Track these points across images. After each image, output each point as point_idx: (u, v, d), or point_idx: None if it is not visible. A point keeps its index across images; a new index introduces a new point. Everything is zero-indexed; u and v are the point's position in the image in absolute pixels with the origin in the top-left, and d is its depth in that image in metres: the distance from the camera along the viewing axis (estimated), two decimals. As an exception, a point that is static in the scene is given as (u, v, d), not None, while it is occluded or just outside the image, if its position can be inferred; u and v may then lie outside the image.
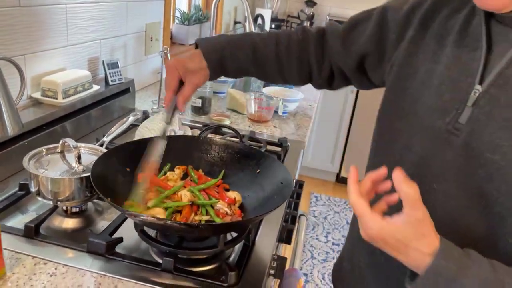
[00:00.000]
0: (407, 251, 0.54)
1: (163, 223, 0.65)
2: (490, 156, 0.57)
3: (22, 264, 0.70)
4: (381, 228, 0.54)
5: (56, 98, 1.09)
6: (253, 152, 0.93)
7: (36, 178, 0.81)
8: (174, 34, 2.12)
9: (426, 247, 0.53)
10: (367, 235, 0.56)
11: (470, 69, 0.61)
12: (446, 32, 0.67)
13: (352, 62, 0.85)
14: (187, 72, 0.83)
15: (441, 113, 0.63)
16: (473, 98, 0.60)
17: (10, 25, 0.98)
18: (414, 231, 0.53)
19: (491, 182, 0.57)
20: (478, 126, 0.59)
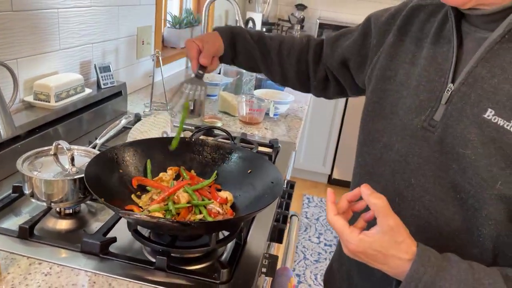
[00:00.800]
0: (387, 260, 0.56)
1: (156, 221, 0.67)
2: (462, 151, 0.59)
3: (17, 264, 0.71)
4: (359, 240, 0.56)
5: (49, 102, 1.10)
6: (244, 153, 0.95)
7: (30, 180, 0.82)
8: (166, 38, 2.13)
9: (404, 253, 0.55)
10: (348, 250, 0.59)
11: (444, 69, 0.65)
12: (424, 35, 0.71)
13: (335, 63, 0.93)
14: (204, 43, 0.93)
15: (418, 111, 0.66)
16: (446, 96, 0.63)
17: (2, 29, 0.99)
18: (389, 239, 0.55)
19: (464, 176, 0.60)
20: (451, 122, 0.61)
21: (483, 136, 0.58)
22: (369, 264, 0.59)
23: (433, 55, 0.67)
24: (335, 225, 0.59)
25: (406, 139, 0.68)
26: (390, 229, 0.55)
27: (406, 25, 0.74)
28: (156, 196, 0.84)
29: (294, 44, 1.01)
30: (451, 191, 0.62)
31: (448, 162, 0.62)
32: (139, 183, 0.87)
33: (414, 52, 0.71)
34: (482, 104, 0.58)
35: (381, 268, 0.58)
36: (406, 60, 0.71)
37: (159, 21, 1.85)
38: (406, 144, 0.68)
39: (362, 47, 0.85)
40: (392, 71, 0.73)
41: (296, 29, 3.40)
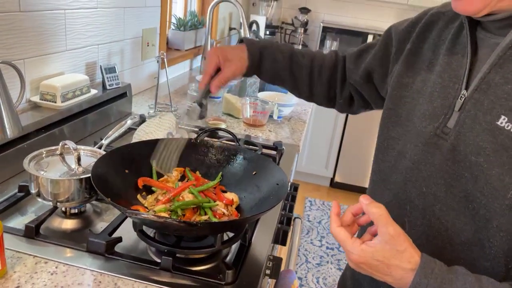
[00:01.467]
0: (390, 270, 0.55)
1: (163, 221, 0.67)
2: (475, 159, 0.58)
3: (23, 263, 0.71)
4: (361, 251, 0.56)
5: (55, 102, 1.10)
6: (249, 154, 0.95)
7: (36, 180, 0.82)
8: (170, 40, 2.14)
9: (407, 263, 0.54)
10: (351, 261, 0.58)
11: (458, 75, 0.64)
12: (441, 42, 0.70)
13: (359, 79, 0.91)
14: (226, 60, 0.88)
15: (431, 118, 0.66)
16: (460, 103, 0.62)
17: (10, 29, 1.00)
18: (390, 248, 0.54)
19: (476, 185, 0.58)
20: (464, 129, 0.61)
21: (495, 143, 0.57)
22: (374, 276, 0.57)
23: (448, 62, 0.66)
24: (337, 236, 0.59)
25: (419, 147, 0.67)
26: (390, 237, 0.54)
27: (425, 32, 0.74)
28: (162, 196, 0.84)
29: (324, 63, 0.98)
30: (463, 201, 0.61)
31: (461, 171, 0.60)
32: (145, 183, 0.87)
33: (431, 59, 0.70)
34: (495, 111, 0.58)
35: (385, 280, 0.57)
36: (423, 67, 0.71)
37: (164, 23, 1.86)
38: (419, 152, 0.67)
39: (384, 59, 0.84)
40: (410, 78, 0.73)
41: (300, 32, 3.41)
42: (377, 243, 0.55)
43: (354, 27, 3.25)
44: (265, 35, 3.21)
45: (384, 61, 0.84)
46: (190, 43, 2.23)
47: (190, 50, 2.24)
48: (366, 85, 0.91)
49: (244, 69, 0.92)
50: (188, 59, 2.29)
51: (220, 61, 0.88)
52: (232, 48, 0.93)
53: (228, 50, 0.91)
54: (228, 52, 0.90)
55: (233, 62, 0.89)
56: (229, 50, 0.91)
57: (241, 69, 0.91)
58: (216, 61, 0.88)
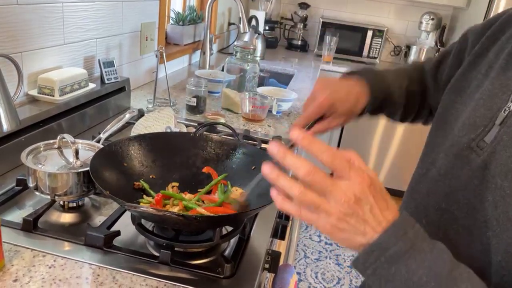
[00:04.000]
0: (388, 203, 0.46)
1: (162, 214, 0.67)
2: (500, 182, 0.51)
3: (21, 257, 0.71)
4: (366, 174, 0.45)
5: (53, 96, 1.10)
6: (249, 149, 0.95)
7: (34, 173, 0.82)
8: (169, 34, 2.13)
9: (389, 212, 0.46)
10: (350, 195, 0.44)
11: (509, 85, 0.57)
12: (507, 45, 0.62)
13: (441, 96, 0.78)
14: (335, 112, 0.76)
15: (470, 129, 0.59)
16: (502, 116, 0.55)
17: (7, 22, 0.99)
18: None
19: (495, 211, 0.51)
20: (499, 147, 0.53)
21: None
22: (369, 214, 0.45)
23: (505, 68, 0.59)
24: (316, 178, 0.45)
25: (449, 157, 0.61)
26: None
27: (497, 33, 0.65)
28: None
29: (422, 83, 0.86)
30: (482, 227, 0.53)
31: (486, 193, 0.53)
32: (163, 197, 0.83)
33: (491, 63, 0.62)
34: None
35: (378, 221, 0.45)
36: (482, 71, 0.63)
37: (162, 18, 1.85)
38: (447, 163, 0.61)
39: (459, 66, 0.72)
40: (467, 82, 0.66)
41: (299, 27, 3.40)
42: None
43: (353, 23, 3.24)
44: (265, 30, 3.20)
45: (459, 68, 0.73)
46: (189, 37, 2.22)
47: (189, 45, 2.23)
48: None
49: (352, 118, 0.81)
50: (187, 54, 2.28)
51: (327, 113, 0.76)
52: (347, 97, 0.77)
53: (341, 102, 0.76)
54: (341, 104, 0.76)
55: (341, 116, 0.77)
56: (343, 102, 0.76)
57: (349, 120, 0.80)
58: (322, 113, 0.75)
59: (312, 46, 3.42)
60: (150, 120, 1.14)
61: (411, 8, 3.32)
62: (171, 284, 0.70)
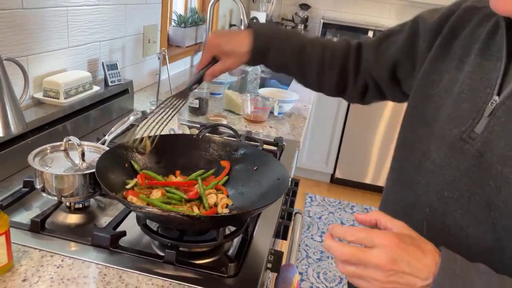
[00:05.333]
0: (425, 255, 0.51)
1: (167, 214, 0.68)
2: (501, 168, 0.56)
3: (30, 257, 0.73)
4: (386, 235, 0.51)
5: (58, 99, 1.12)
6: (251, 150, 0.97)
7: (41, 175, 0.83)
8: (171, 36, 2.15)
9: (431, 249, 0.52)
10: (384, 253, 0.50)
11: (490, 79, 0.61)
12: (474, 40, 0.66)
13: (384, 72, 0.86)
14: (223, 54, 0.87)
15: (458, 121, 0.63)
16: (490, 108, 0.59)
17: (13, 26, 1.01)
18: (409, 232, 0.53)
19: (499, 195, 0.56)
20: (492, 137, 0.58)
21: None
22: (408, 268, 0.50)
23: (481, 63, 0.63)
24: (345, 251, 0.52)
25: (443, 149, 0.65)
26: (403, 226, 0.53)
27: (457, 28, 0.69)
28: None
29: (336, 53, 0.92)
30: (485, 209, 0.58)
31: (485, 179, 0.58)
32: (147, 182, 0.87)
33: (461, 57, 0.67)
34: None
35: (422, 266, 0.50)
36: (453, 65, 0.67)
37: (165, 20, 1.86)
38: (443, 155, 0.65)
39: (411, 51, 0.78)
40: (437, 75, 0.70)
41: (300, 28, 3.41)
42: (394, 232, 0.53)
43: (354, 23, 3.25)
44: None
45: (411, 54, 0.79)
46: (191, 39, 2.23)
47: (191, 46, 2.25)
48: (389, 78, 0.86)
49: (242, 62, 0.90)
50: (189, 56, 2.30)
51: (216, 54, 0.88)
52: (233, 40, 0.89)
53: (225, 42, 0.88)
54: (225, 44, 0.88)
55: (229, 56, 0.88)
56: (227, 43, 0.88)
57: (238, 63, 0.90)
58: (213, 53, 0.88)
59: (313, 47, 3.44)
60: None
61: (411, 9, 3.34)
62: (176, 283, 0.71)
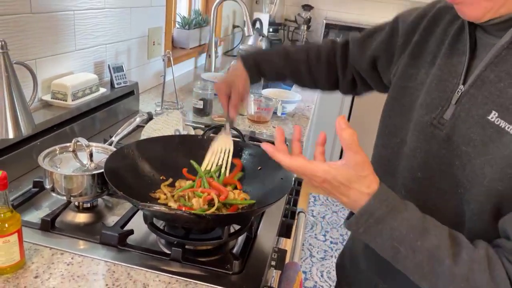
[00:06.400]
0: (349, 192, 0.59)
1: (174, 213, 0.70)
2: (465, 149, 0.63)
3: (41, 255, 0.75)
4: (324, 171, 0.59)
5: (66, 101, 1.14)
6: (255, 150, 0.99)
7: (51, 175, 0.86)
8: (175, 38, 2.17)
9: (366, 187, 0.58)
10: (314, 182, 0.61)
11: (457, 71, 0.68)
12: (445, 37, 0.73)
13: (366, 65, 0.94)
14: (230, 85, 0.97)
15: (429, 109, 0.70)
16: (456, 97, 0.66)
17: (22, 31, 1.03)
18: (355, 173, 0.58)
19: (464, 172, 0.63)
20: (459, 121, 0.65)
21: (484, 136, 0.61)
22: (332, 195, 0.61)
23: (449, 57, 0.70)
24: (295, 166, 0.61)
25: (415, 135, 0.72)
26: (356, 164, 0.58)
27: (432, 26, 0.77)
28: None
29: (320, 50, 1.03)
30: (453, 185, 0.66)
31: (453, 159, 0.65)
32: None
33: (435, 52, 0.73)
34: (487, 107, 0.62)
35: (340, 199, 0.61)
36: (428, 60, 0.74)
37: (169, 22, 1.89)
38: (415, 139, 0.71)
39: (389, 46, 0.86)
40: (414, 69, 0.76)
41: (303, 29, 3.43)
42: (340, 166, 0.59)
43: (356, 24, 3.26)
44: (269, 33, 3.23)
45: (389, 49, 0.86)
46: (195, 41, 2.26)
47: (195, 48, 2.27)
48: (371, 71, 0.94)
49: (247, 85, 1.00)
50: (193, 57, 2.32)
51: (226, 90, 0.97)
52: (230, 73, 1.03)
53: (227, 77, 1.00)
54: (228, 77, 1.00)
55: (235, 84, 0.97)
56: (228, 76, 1.00)
57: (245, 84, 0.99)
58: (224, 93, 0.97)
59: (316, 47, 3.45)
60: (159, 123, 1.18)
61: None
62: (183, 279, 0.73)
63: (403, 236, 0.57)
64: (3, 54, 0.80)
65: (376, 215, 0.58)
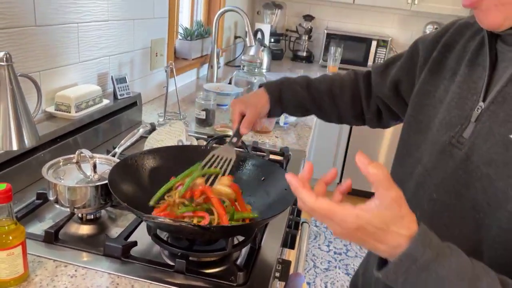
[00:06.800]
0: (387, 237, 0.50)
1: (178, 224, 0.70)
2: (485, 170, 0.59)
3: (44, 267, 0.75)
4: (357, 217, 0.50)
5: (69, 112, 1.15)
6: (258, 161, 0.98)
7: (54, 187, 0.86)
8: (178, 49, 2.18)
9: (406, 229, 0.50)
10: (344, 229, 0.52)
11: (477, 87, 0.65)
12: (465, 53, 0.70)
13: (388, 91, 0.92)
14: (248, 106, 0.97)
15: (448, 127, 0.67)
16: (476, 114, 0.63)
17: (27, 43, 1.04)
18: (391, 213, 0.50)
19: (484, 195, 0.59)
20: (478, 141, 0.61)
21: (506, 156, 0.57)
22: (365, 244, 0.52)
23: (469, 73, 0.67)
24: (321, 209, 0.52)
25: (433, 154, 0.68)
26: (392, 201, 0.50)
27: (452, 42, 0.74)
28: None
29: (343, 82, 1.01)
30: (471, 210, 0.61)
31: (471, 180, 0.61)
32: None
33: (454, 69, 0.71)
34: (510, 124, 0.58)
35: (377, 248, 0.52)
36: (447, 77, 0.72)
37: (171, 34, 1.90)
38: (433, 159, 0.68)
39: (410, 69, 0.84)
40: (432, 86, 0.74)
41: (304, 39, 3.45)
42: (374, 208, 0.50)
43: (357, 33, 3.28)
44: (270, 43, 3.25)
45: (410, 71, 0.84)
46: (197, 52, 2.27)
47: (197, 59, 2.29)
48: (394, 97, 0.91)
49: (266, 108, 1.00)
50: (195, 68, 2.33)
51: (242, 108, 0.96)
52: (251, 95, 1.01)
53: (248, 98, 0.99)
54: (248, 99, 0.99)
55: (254, 106, 0.97)
56: (249, 98, 0.99)
57: (263, 109, 0.99)
58: (239, 110, 0.96)
59: (317, 57, 3.47)
60: (162, 134, 1.19)
61: (414, 18, 3.36)
62: (187, 292, 0.73)
63: (452, 286, 0.49)
64: (7, 66, 0.80)
65: (420, 262, 0.49)
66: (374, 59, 3.23)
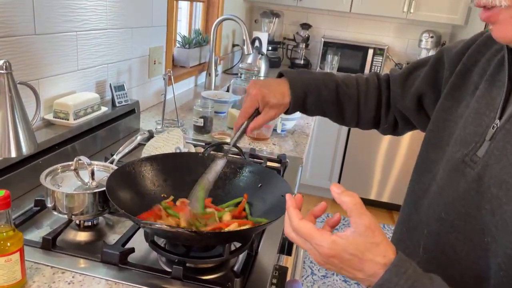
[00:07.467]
0: (363, 265, 0.51)
1: (175, 230, 0.71)
2: (496, 192, 0.56)
3: (42, 274, 0.75)
4: (333, 243, 0.51)
5: (68, 120, 1.15)
6: (255, 167, 0.99)
7: (52, 194, 0.86)
8: (176, 57, 2.20)
9: (381, 257, 0.51)
10: (320, 255, 0.53)
11: (494, 104, 0.62)
12: (489, 67, 0.67)
13: (411, 105, 0.87)
14: (267, 105, 0.87)
15: (463, 144, 0.64)
16: (491, 132, 0.60)
17: (26, 51, 1.05)
18: (365, 240, 0.50)
19: (493, 218, 0.56)
20: (492, 161, 0.58)
21: None
22: (343, 272, 0.53)
23: (489, 89, 0.64)
24: (302, 230, 0.53)
25: (445, 171, 0.66)
26: (366, 229, 0.50)
27: (477, 55, 0.71)
28: None
29: (369, 89, 0.94)
30: (480, 233, 0.58)
31: (482, 202, 0.58)
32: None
33: (477, 83, 0.68)
34: None
35: (355, 276, 0.52)
36: (469, 92, 0.69)
37: (170, 42, 1.92)
38: (445, 176, 0.65)
39: (435, 81, 0.80)
40: (455, 101, 0.71)
41: (301, 47, 3.48)
42: (349, 235, 0.51)
43: (354, 42, 3.31)
44: (268, 51, 3.28)
45: (435, 84, 0.80)
46: (195, 60, 2.29)
47: (195, 66, 2.30)
48: (416, 111, 0.87)
49: (282, 112, 0.91)
50: (193, 76, 2.35)
51: (260, 105, 0.87)
52: (274, 90, 0.88)
53: (269, 95, 0.86)
54: (269, 97, 0.87)
55: (273, 107, 0.87)
56: (271, 95, 0.87)
57: (280, 113, 0.91)
58: (256, 105, 0.87)
59: (315, 65, 3.50)
60: (160, 141, 1.19)
61: (410, 27, 3.40)
62: (184, 298, 0.73)
63: None
64: (7, 74, 0.81)
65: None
66: (371, 67, 3.26)
